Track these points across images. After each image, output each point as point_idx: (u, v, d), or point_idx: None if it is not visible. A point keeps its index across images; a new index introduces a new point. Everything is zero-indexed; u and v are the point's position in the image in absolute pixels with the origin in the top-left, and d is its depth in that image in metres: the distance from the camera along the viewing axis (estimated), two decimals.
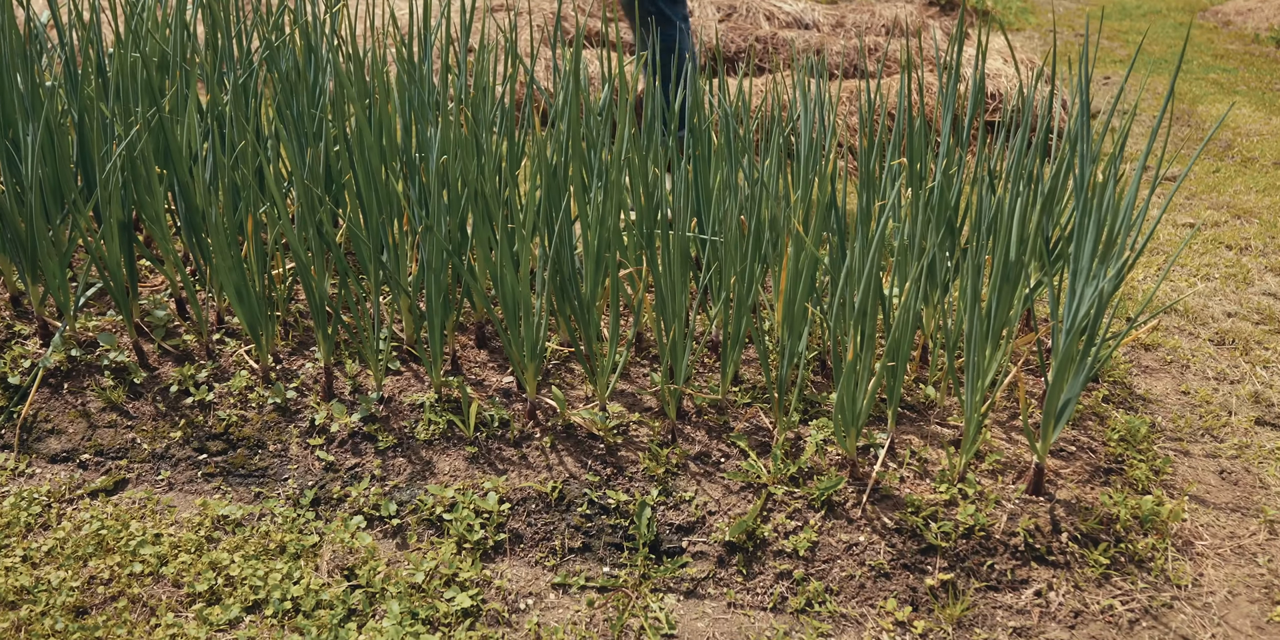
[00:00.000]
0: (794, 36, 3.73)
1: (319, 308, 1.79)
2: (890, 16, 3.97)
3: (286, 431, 1.81)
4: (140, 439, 1.83)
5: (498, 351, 2.00)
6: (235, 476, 1.76)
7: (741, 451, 1.73)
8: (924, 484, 1.64)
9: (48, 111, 1.91)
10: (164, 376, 1.94)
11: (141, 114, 1.96)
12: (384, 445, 1.76)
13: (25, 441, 1.85)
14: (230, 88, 2.05)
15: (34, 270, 1.97)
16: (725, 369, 1.76)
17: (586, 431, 1.77)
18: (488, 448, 1.75)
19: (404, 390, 1.88)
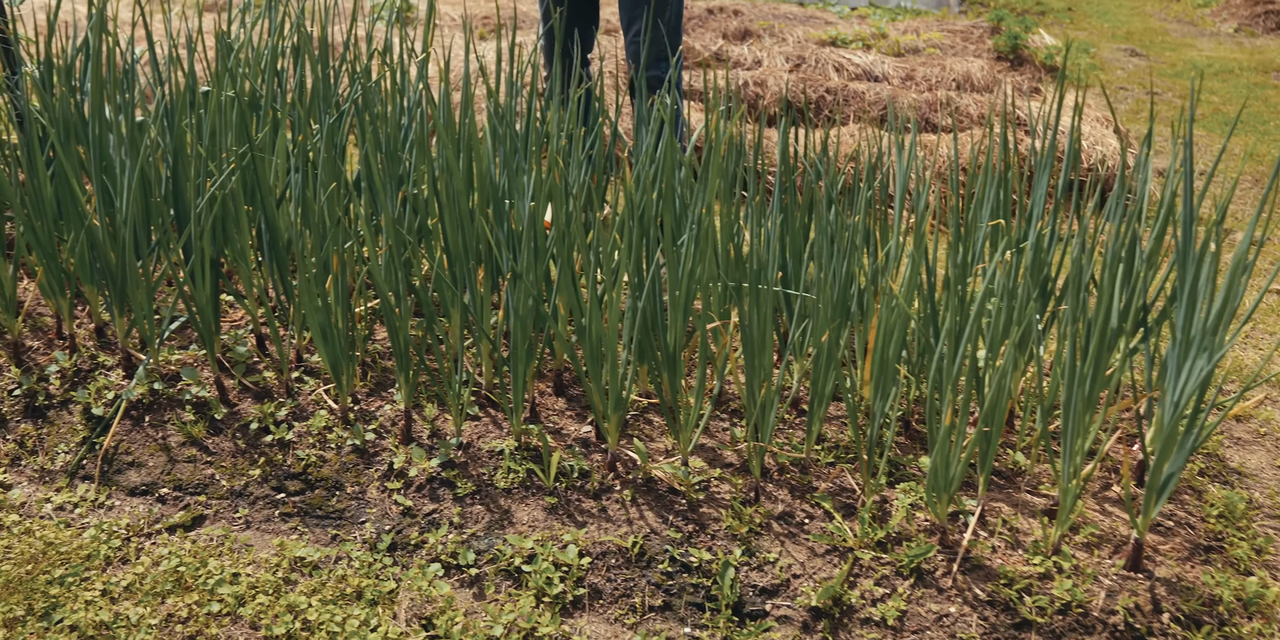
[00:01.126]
0: (864, 89, 3.73)
1: (403, 351, 1.80)
2: (961, 71, 3.97)
3: (365, 474, 1.80)
4: (219, 475, 1.84)
5: (575, 400, 1.98)
6: (312, 518, 1.75)
7: (826, 513, 1.69)
8: (1016, 555, 1.60)
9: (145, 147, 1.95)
10: (244, 413, 1.94)
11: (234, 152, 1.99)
12: (462, 492, 1.75)
13: (106, 473, 1.86)
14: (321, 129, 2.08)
15: (122, 302, 2.00)
16: (811, 428, 1.73)
17: (667, 486, 1.75)
18: (567, 498, 1.73)
19: (482, 436, 1.87)
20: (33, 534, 1.74)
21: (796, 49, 4.50)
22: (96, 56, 2.15)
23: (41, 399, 1.99)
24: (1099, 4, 7.54)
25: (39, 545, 1.70)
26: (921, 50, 4.78)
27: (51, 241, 2.03)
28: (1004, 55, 4.71)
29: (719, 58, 4.30)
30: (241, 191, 2.02)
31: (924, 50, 4.78)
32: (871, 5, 6.26)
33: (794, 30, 5.07)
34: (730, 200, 1.96)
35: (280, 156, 2.21)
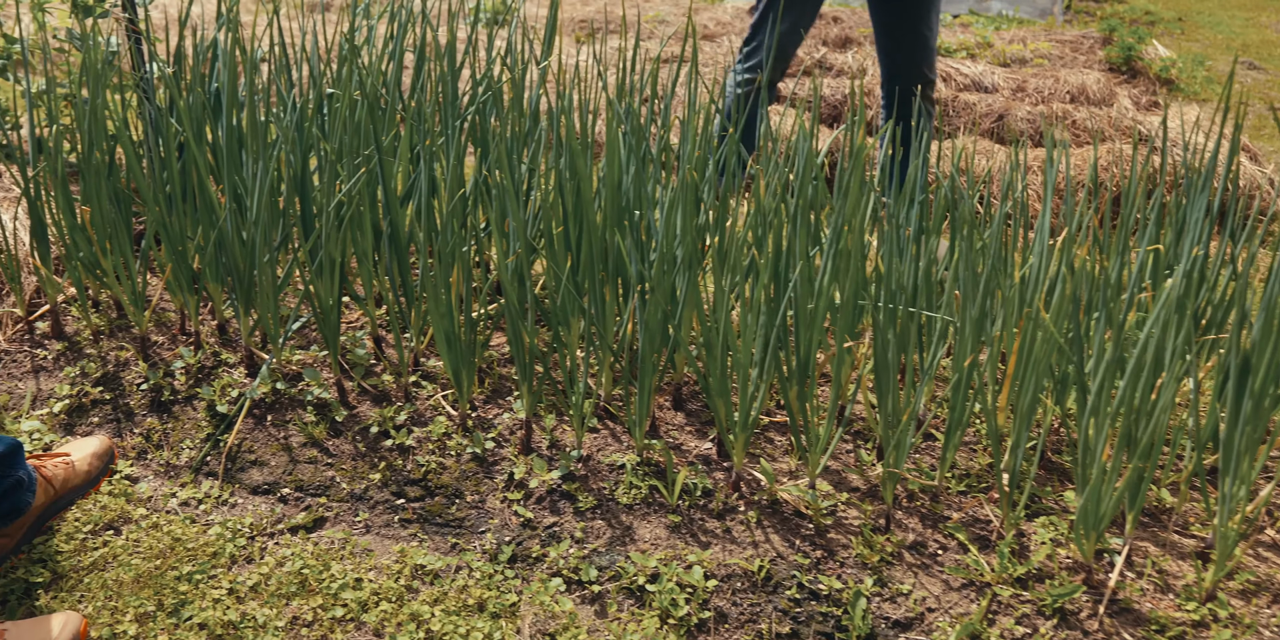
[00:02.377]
0: (975, 100, 3.64)
1: (525, 361, 1.78)
2: (1076, 83, 3.84)
3: (484, 483, 1.79)
4: (340, 478, 1.84)
5: (694, 415, 1.95)
6: (432, 525, 1.74)
7: (960, 544, 1.63)
8: (1166, 599, 1.52)
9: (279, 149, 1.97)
10: (363, 416, 1.95)
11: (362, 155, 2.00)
12: (584, 506, 1.72)
13: (229, 470, 1.88)
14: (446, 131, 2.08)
15: (247, 301, 2.02)
16: (945, 455, 1.67)
17: (793, 508, 1.70)
18: (690, 517, 1.70)
19: (602, 449, 1.84)
20: (160, 529, 1.76)
21: None
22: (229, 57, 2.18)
23: (167, 394, 2.02)
24: (1210, 14, 7.28)
25: (166, 540, 1.72)
26: (1029, 61, 4.65)
27: (183, 239, 2.07)
28: (1116, 67, 4.56)
29: (823, 66, 4.23)
30: (367, 192, 2.02)
31: (1031, 61, 4.65)
32: (973, 13, 6.12)
33: None
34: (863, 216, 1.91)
35: (404, 159, 2.21)
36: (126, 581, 1.63)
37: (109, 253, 2.10)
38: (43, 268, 2.16)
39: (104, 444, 1.85)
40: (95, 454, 1.82)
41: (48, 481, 1.72)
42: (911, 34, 2.70)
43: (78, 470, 1.78)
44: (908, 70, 2.73)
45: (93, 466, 1.81)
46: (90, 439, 1.86)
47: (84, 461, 1.80)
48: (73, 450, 1.81)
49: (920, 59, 2.71)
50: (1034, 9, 6.45)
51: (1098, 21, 5.98)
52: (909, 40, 2.71)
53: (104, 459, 1.83)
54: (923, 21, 2.66)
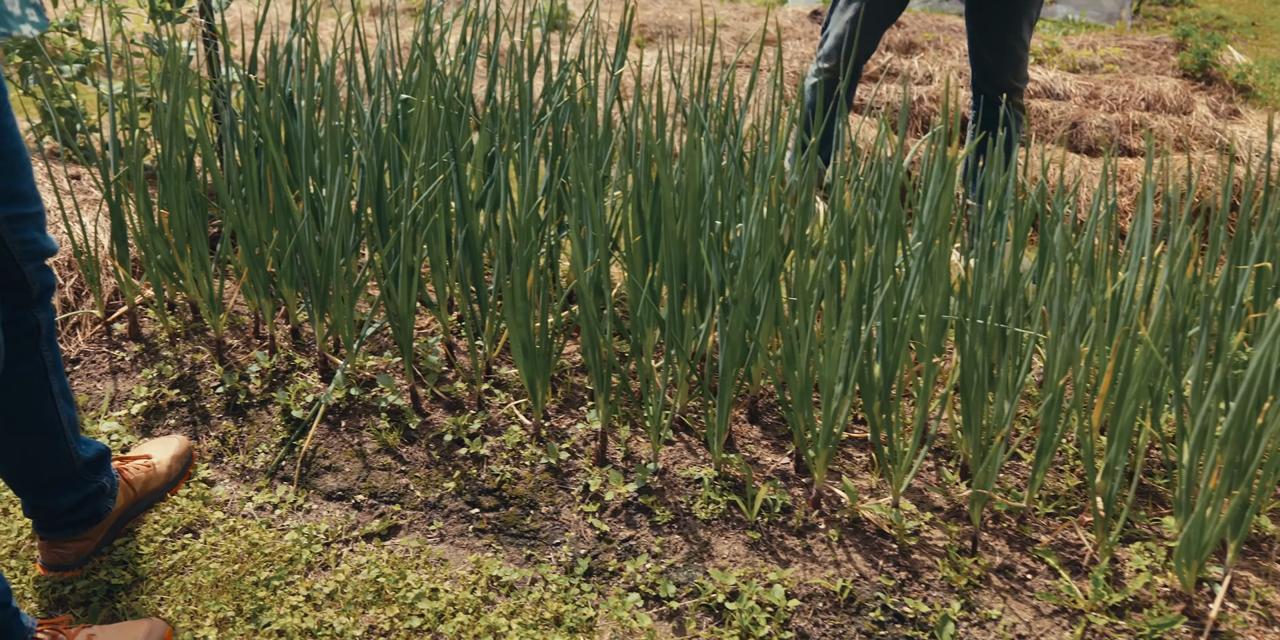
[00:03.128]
0: (1047, 107, 3.56)
1: (601, 372, 1.76)
2: (1151, 90, 3.75)
3: (559, 494, 1.77)
4: (413, 485, 1.83)
5: (769, 428, 1.91)
6: (506, 536, 1.73)
7: (1050, 569, 1.58)
8: (1271, 632, 1.46)
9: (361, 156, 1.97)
10: (436, 423, 1.94)
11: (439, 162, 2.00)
12: (660, 520, 1.70)
13: (304, 476, 1.88)
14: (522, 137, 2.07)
15: (322, 306, 2.02)
16: (1035, 477, 1.62)
17: (875, 527, 1.66)
18: (769, 534, 1.67)
19: (677, 462, 1.82)
20: (237, 533, 1.76)
21: (965, 63, 4.33)
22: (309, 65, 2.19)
23: (242, 397, 2.03)
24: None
25: (244, 545, 1.73)
26: (1099, 67, 4.55)
27: (261, 243, 2.08)
28: (1190, 73, 4.45)
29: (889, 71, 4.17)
30: (442, 199, 2.02)
31: (1102, 67, 4.55)
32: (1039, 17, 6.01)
33: (959, 43, 4.89)
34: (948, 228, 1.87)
35: (478, 165, 2.21)
36: (205, 585, 1.64)
37: (186, 256, 2.12)
38: (121, 270, 2.19)
39: (183, 445, 1.87)
40: (175, 456, 1.83)
41: (129, 484, 1.73)
42: (1000, 41, 2.67)
43: (158, 472, 1.79)
44: (994, 77, 2.70)
45: (172, 469, 1.82)
46: (170, 440, 1.87)
47: (164, 464, 1.81)
48: (154, 451, 1.83)
49: (1007, 67, 2.68)
50: (1101, 13, 6.32)
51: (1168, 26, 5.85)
52: (997, 47, 2.68)
53: (183, 461, 1.85)
54: (1012, 31, 2.62)
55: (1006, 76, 2.69)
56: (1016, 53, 2.67)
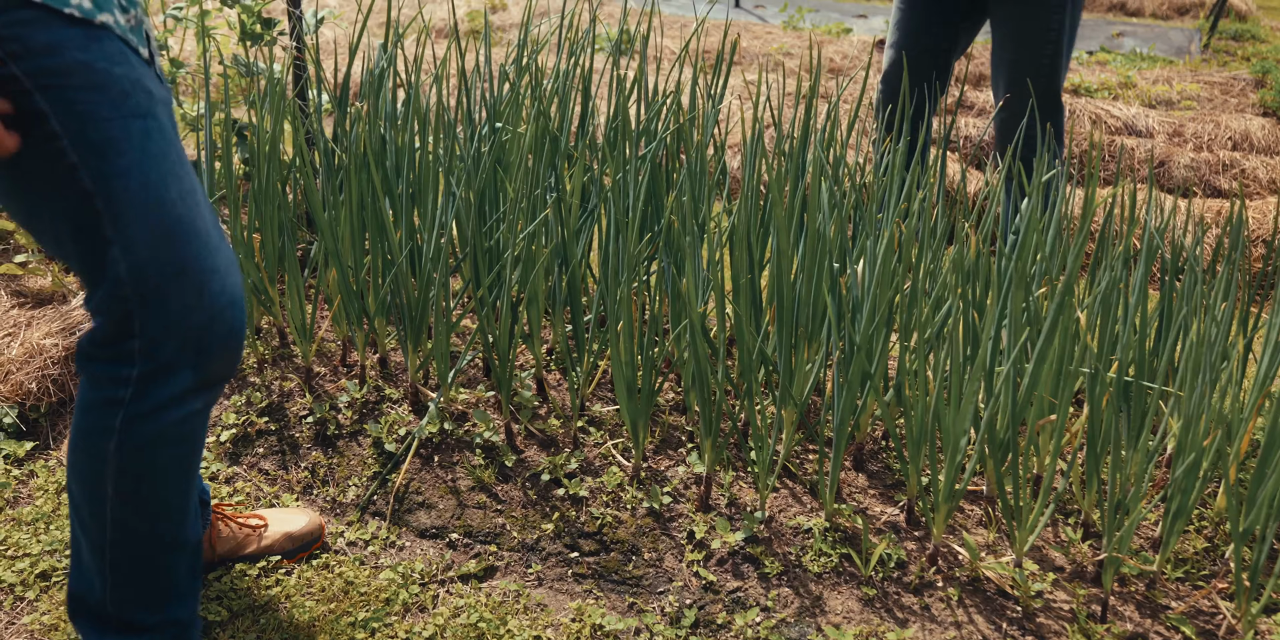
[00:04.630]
0: (1133, 145, 3.48)
1: (711, 417, 1.71)
2: (1239, 128, 3.66)
3: (662, 540, 1.72)
4: (510, 526, 1.79)
5: (876, 476, 1.85)
6: (608, 582, 1.68)
7: (1186, 638, 1.50)
8: None
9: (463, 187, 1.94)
10: (531, 461, 1.90)
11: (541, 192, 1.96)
12: (769, 572, 1.64)
13: (397, 511, 1.84)
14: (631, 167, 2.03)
15: (416, 337, 1.99)
16: (1168, 539, 1.55)
17: (995, 587, 1.60)
18: (884, 590, 1.60)
19: (784, 510, 1.76)
20: (331, 569, 1.73)
21: None
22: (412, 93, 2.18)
23: (332, 428, 2.00)
24: None
25: (339, 583, 1.69)
26: (1176, 103, 4.46)
27: (357, 272, 2.05)
28: (1271, 111, 4.35)
29: (963, 104, 4.12)
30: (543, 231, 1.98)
31: (1178, 103, 4.46)
32: (1105, 50, 5.93)
33: None
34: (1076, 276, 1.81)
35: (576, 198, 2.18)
36: (302, 624, 1.60)
37: (276, 281, 2.10)
38: None
39: (310, 526, 1.72)
40: (291, 534, 1.70)
41: (211, 545, 1.64)
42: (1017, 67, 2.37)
43: (261, 544, 1.68)
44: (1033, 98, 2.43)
45: (277, 545, 1.69)
46: (300, 515, 1.74)
47: (273, 538, 1.69)
48: (273, 519, 1.72)
49: (1035, 95, 2.36)
50: (1169, 47, 6.23)
51: (1239, 61, 5.75)
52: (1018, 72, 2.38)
53: (298, 542, 1.71)
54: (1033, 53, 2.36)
55: (1023, 103, 2.43)
56: (1034, 78, 2.37)
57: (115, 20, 1.10)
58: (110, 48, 1.08)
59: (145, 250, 1.12)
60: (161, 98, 1.15)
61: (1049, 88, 2.33)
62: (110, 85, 1.08)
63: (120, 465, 1.22)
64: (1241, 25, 6.80)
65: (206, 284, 1.17)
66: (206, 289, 1.17)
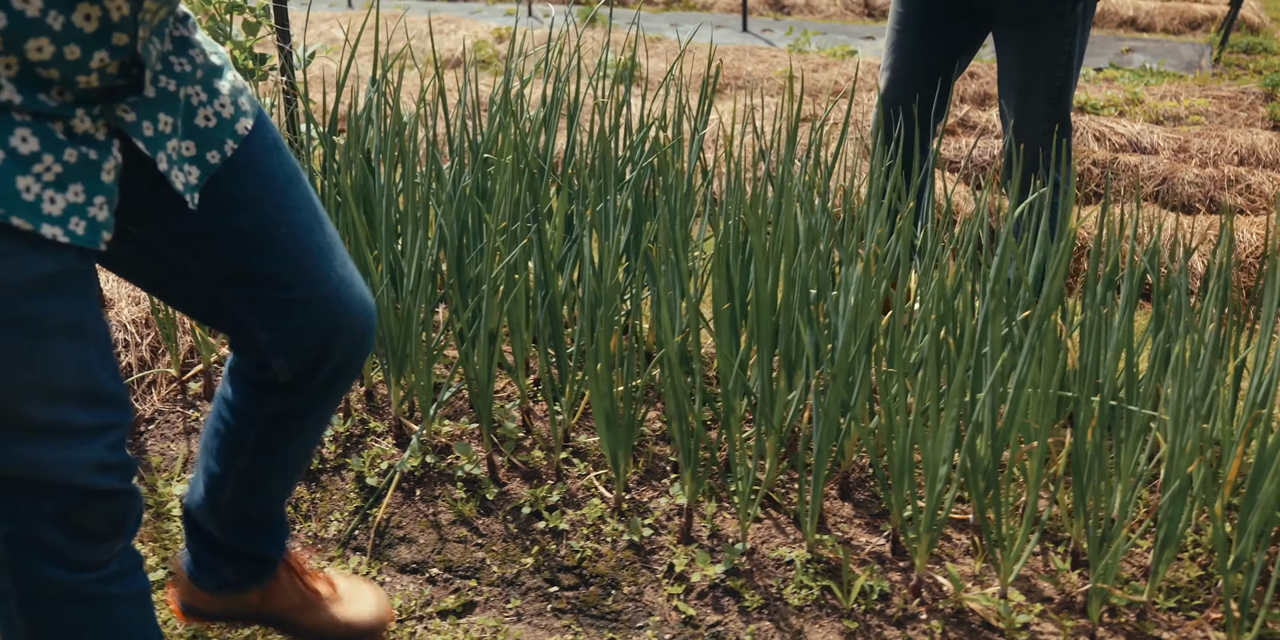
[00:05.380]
0: (1136, 162, 3.44)
1: (690, 447, 1.69)
2: (1245, 143, 3.61)
3: (642, 573, 1.69)
4: (490, 560, 1.77)
5: (862, 506, 1.82)
6: (587, 617, 1.65)
7: None
8: None
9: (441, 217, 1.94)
10: (513, 494, 1.88)
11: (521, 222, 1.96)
12: (750, 605, 1.61)
13: (378, 546, 1.82)
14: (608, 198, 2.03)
15: (399, 370, 1.98)
16: (1157, 569, 1.50)
17: (980, 619, 1.55)
18: (866, 623, 1.56)
19: (766, 541, 1.73)
20: None
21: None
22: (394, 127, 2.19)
23: (315, 463, 1.99)
24: None
25: None
26: (1184, 118, 4.42)
27: None
28: None
29: (965, 124, 4.09)
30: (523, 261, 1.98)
31: (1186, 118, 4.42)
32: (1114, 66, 5.89)
33: None
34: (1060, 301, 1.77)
35: (558, 228, 2.17)
36: None
37: None
38: (197, 328, 2.18)
39: (374, 621, 1.54)
40: (350, 625, 1.52)
41: (263, 594, 1.49)
42: (1023, 86, 2.31)
43: (306, 620, 1.52)
44: (1021, 126, 2.34)
45: (328, 630, 1.52)
46: (370, 598, 1.56)
47: (328, 620, 1.51)
48: (344, 593, 1.56)
49: (1033, 116, 2.29)
50: (1180, 62, 6.19)
51: (1251, 75, 5.69)
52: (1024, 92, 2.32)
53: (357, 631, 1.53)
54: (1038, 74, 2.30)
55: (1033, 126, 2.33)
56: (1040, 109, 2.31)
57: None
58: None
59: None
60: (38, 277, 0.92)
61: (1059, 109, 2.29)
62: None
63: (31, 630, 1.11)
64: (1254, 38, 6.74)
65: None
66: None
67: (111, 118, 0.97)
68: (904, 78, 2.41)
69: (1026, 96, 2.29)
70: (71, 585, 1.09)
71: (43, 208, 0.91)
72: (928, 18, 2.36)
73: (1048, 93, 2.26)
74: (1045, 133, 2.27)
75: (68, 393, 1.00)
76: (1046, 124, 2.27)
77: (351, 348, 1.26)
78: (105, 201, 0.97)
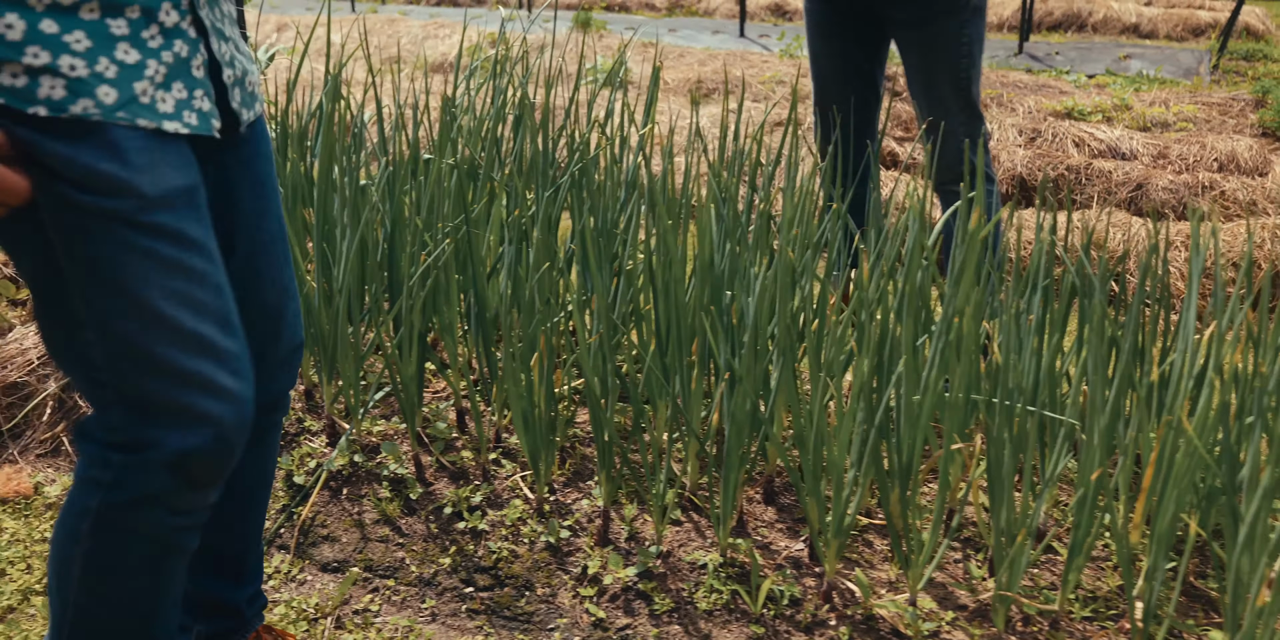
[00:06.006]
0: (1110, 167, 3.41)
1: (605, 445, 1.67)
2: (1224, 149, 3.57)
3: (556, 575, 1.68)
4: (410, 560, 1.76)
5: (786, 510, 1.80)
6: (499, 618, 1.64)
7: None
8: None
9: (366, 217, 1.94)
10: (438, 494, 1.87)
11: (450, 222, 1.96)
12: (660, 609, 1.59)
13: (301, 545, 1.82)
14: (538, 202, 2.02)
15: (331, 369, 1.98)
16: (1067, 577, 1.48)
17: (890, 626, 1.53)
18: (774, 628, 1.55)
19: (683, 545, 1.71)
20: None
21: (1029, 121, 4.20)
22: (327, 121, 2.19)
23: None
24: None
25: None
26: (1171, 125, 4.37)
27: None
28: (1270, 132, 4.24)
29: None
30: (454, 262, 1.97)
31: (1174, 125, 4.38)
32: (1109, 73, 5.84)
33: (1024, 100, 4.77)
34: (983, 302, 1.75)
35: (494, 229, 2.17)
36: None
37: None
38: None
39: None
40: None
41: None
42: (927, 91, 2.29)
43: None
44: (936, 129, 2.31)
45: None
46: None
47: None
48: None
49: (944, 119, 2.26)
50: (1178, 69, 6.13)
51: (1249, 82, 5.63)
52: (929, 97, 2.29)
53: None
54: (936, 80, 2.28)
55: (947, 120, 2.28)
56: (950, 104, 2.26)
57: (99, 103, 0.98)
58: (97, 140, 0.98)
59: (118, 345, 1.04)
60: (172, 191, 1.02)
61: (969, 101, 2.28)
62: (92, 184, 0.98)
63: (90, 550, 1.13)
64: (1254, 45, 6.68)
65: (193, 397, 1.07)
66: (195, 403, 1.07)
67: (195, 15, 1.06)
68: (832, 82, 2.41)
69: (935, 92, 2.27)
70: (155, 526, 1.11)
71: (158, 107, 1.02)
72: (836, 21, 2.37)
73: (955, 86, 2.25)
74: (961, 124, 2.26)
75: (209, 309, 1.06)
76: (961, 116, 2.26)
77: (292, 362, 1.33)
78: (203, 93, 1.07)
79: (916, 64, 2.28)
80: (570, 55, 6.19)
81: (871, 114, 2.43)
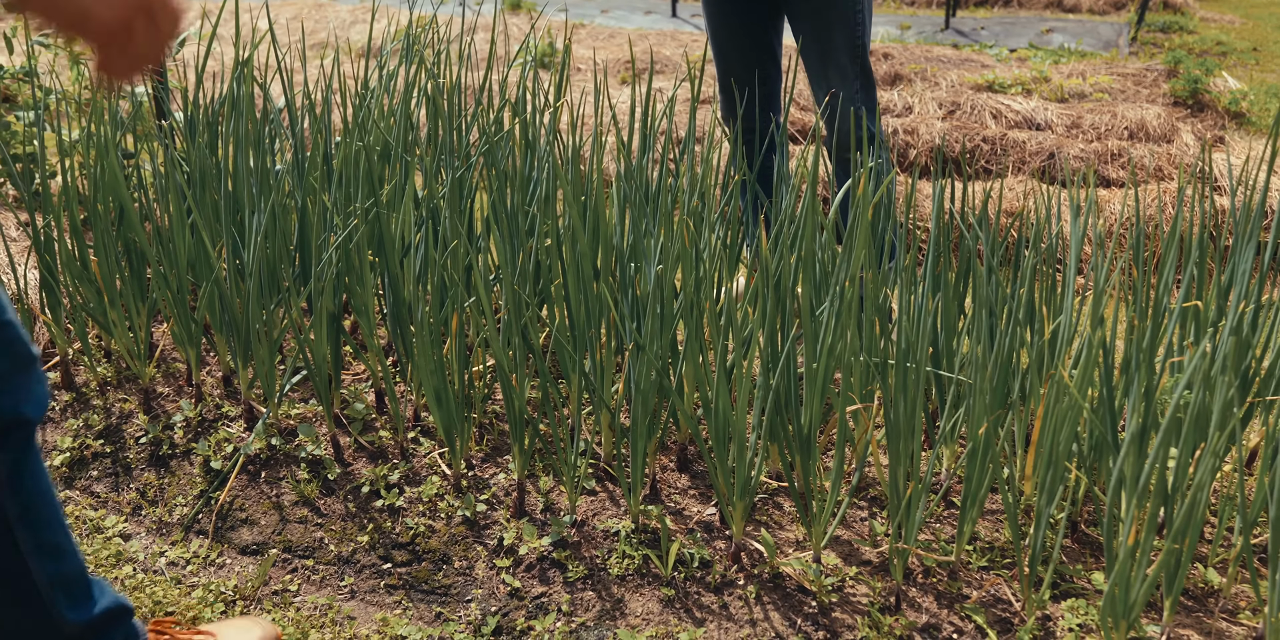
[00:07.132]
0: (1025, 138, 3.49)
1: (518, 419, 1.70)
2: (1134, 118, 3.67)
3: (473, 548, 1.70)
4: (328, 539, 1.77)
5: (700, 477, 1.84)
6: (418, 592, 1.66)
7: (978, 628, 1.49)
8: None
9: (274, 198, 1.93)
10: (356, 474, 1.88)
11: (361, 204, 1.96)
12: (573, 576, 1.62)
13: (220, 529, 1.82)
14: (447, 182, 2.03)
15: (246, 353, 1.98)
16: (962, 528, 1.53)
17: (796, 583, 1.58)
18: (685, 590, 1.59)
19: (598, 514, 1.75)
20: (144, 590, 1.71)
21: (950, 94, 4.28)
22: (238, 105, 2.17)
23: (165, 448, 1.98)
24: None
25: (148, 603, 1.67)
26: (1088, 95, 4.48)
27: (184, 290, 2.04)
28: (1182, 101, 4.36)
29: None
30: (367, 244, 1.98)
31: (1091, 95, 4.48)
32: (1032, 47, 5.95)
33: (947, 74, 4.84)
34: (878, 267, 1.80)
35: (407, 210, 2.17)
36: None
37: (116, 304, 2.09)
38: (47, 318, 2.16)
39: (266, 635, 1.53)
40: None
41: None
42: (817, 62, 2.35)
43: None
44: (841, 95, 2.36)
45: None
46: (254, 624, 1.55)
47: None
48: (223, 634, 1.51)
49: (835, 90, 2.31)
50: (1098, 41, 6.26)
51: (1165, 53, 5.77)
52: (818, 68, 2.36)
53: None
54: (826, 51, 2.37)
55: (845, 87, 2.34)
56: (848, 71, 2.32)
57: None
58: None
59: None
60: None
61: (864, 66, 2.34)
62: None
63: None
64: (1172, 17, 6.84)
65: None
66: None
67: None
68: (734, 57, 2.45)
69: (833, 58, 2.32)
70: None
71: None
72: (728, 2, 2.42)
73: (851, 53, 2.31)
74: (859, 91, 2.32)
75: None
76: (858, 81, 2.32)
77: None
78: None
79: (811, 33, 2.33)
80: (501, 38, 6.16)
81: (774, 87, 2.48)
